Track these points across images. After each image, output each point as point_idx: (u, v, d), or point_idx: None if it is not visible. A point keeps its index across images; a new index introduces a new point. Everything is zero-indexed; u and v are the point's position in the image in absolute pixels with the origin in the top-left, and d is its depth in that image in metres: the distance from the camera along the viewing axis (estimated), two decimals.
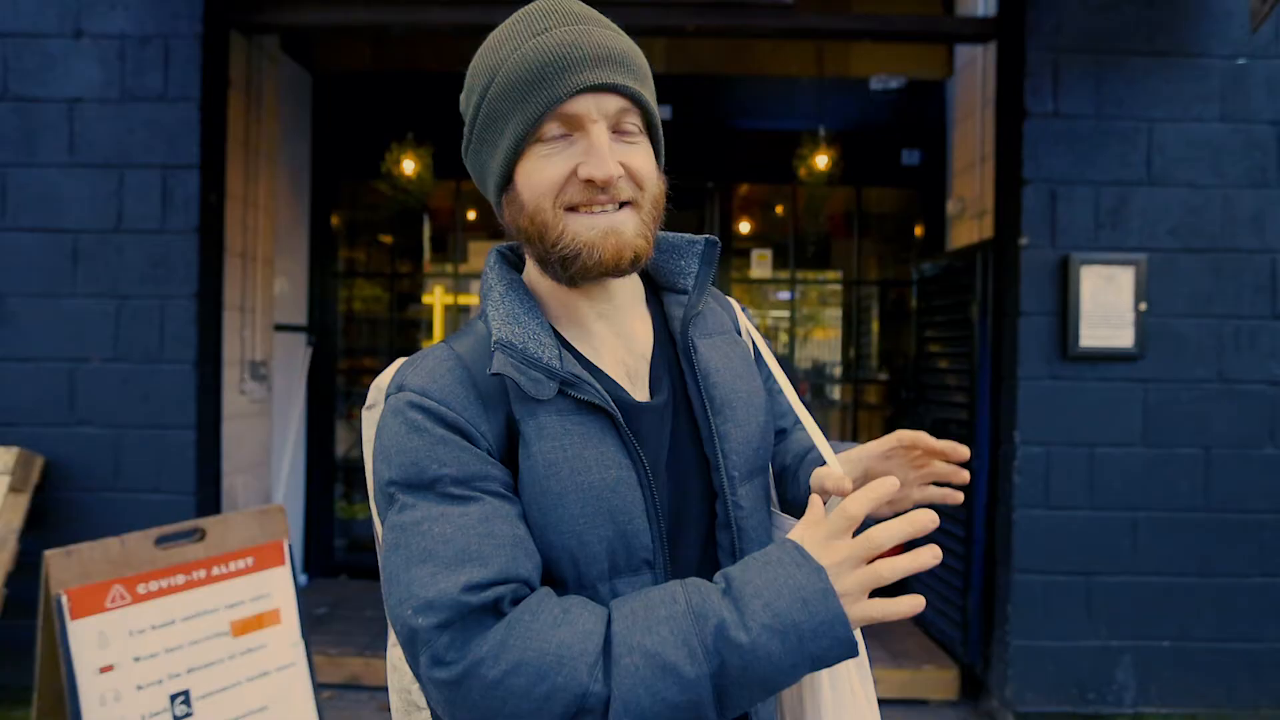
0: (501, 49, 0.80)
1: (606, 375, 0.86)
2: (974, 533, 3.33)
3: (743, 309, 1.02)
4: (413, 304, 5.07)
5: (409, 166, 4.40)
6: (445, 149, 4.45)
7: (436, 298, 5.00)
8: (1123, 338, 3.01)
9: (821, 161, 4.39)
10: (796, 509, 1.00)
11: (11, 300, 3.03)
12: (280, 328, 4.12)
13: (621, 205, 0.80)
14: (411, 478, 0.76)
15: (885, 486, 0.71)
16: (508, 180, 0.82)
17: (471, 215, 4.96)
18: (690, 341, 0.89)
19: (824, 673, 0.85)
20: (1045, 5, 3.04)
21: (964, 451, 0.90)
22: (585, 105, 0.77)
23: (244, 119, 3.50)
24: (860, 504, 0.70)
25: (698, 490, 0.86)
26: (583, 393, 0.79)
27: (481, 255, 4.84)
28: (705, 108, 4.52)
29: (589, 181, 0.78)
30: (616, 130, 0.80)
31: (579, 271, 0.80)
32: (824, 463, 0.88)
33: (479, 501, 0.75)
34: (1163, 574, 3.03)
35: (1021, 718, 3.03)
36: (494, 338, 0.80)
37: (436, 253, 5.09)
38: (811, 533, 0.72)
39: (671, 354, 0.90)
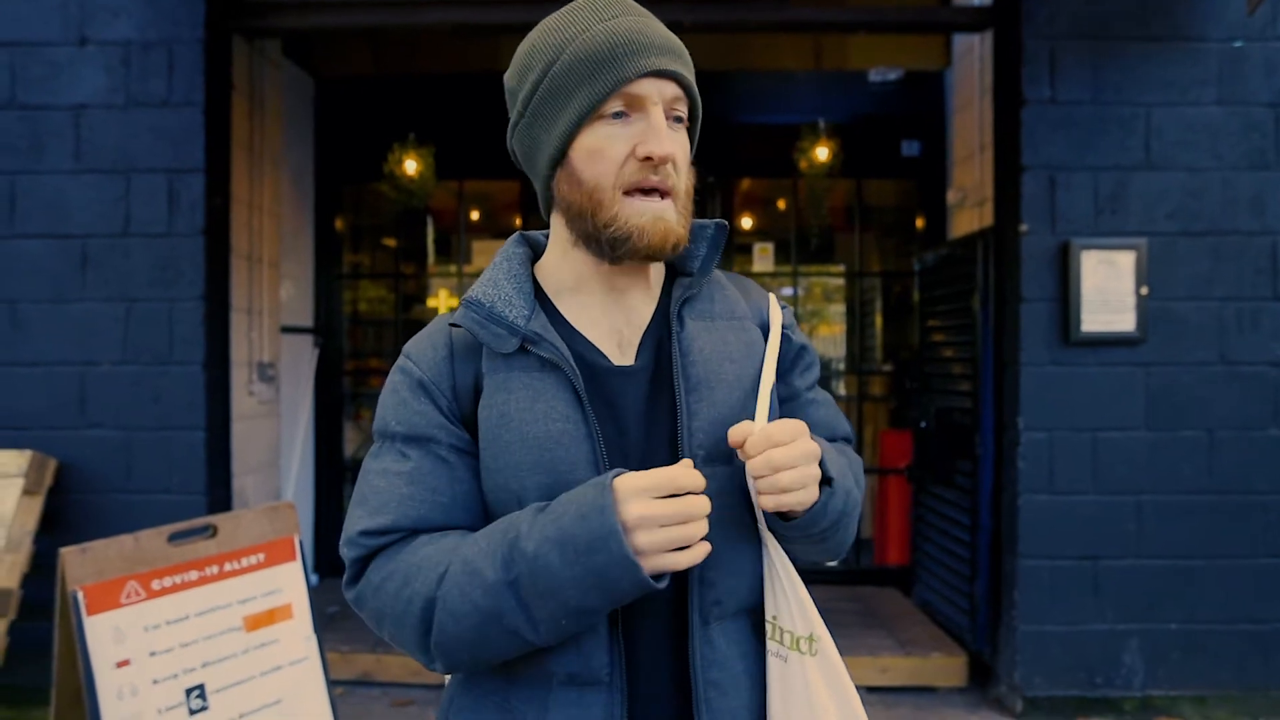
0: (567, 30, 0.85)
1: (585, 339, 0.90)
2: (980, 520, 3.34)
3: (783, 307, 0.99)
4: (418, 305, 5.10)
5: (411, 167, 4.43)
6: (446, 149, 4.48)
7: (441, 301, 5.02)
8: (1124, 322, 3.01)
9: (821, 154, 4.40)
10: None
11: (22, 306, 3.07)
12: (287, 329, 4.15)
13: (663, 195, 0.86)
14: (380, 429, 0.90)
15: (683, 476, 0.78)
16: (562, 154, 0.86)
17: (475, 216, 4.99)
18: (681, 320, 0.91)
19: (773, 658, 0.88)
20: None
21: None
22: (649, 88, 0.84)
23: (247, 123, 3.53)
24: (679, 475, 0.77)
25: (667, 463, 0.87)
26: (543, 350, 0.85)
27: (485, 255, 4.88)
28: (705, 103, 4.47)
29: (646, 159, 0.83)
30: (668, 116, 0.86)
31: (627, 252, 0.86)
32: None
33: (413, 461, 0.86)
34: (1168, 557, 3.04)
35: (1030, 703, 3.04)
36: (464, 296, 0.89)
37: (440, 255, 5.12)
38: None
39: (666, 331, 0.92)
